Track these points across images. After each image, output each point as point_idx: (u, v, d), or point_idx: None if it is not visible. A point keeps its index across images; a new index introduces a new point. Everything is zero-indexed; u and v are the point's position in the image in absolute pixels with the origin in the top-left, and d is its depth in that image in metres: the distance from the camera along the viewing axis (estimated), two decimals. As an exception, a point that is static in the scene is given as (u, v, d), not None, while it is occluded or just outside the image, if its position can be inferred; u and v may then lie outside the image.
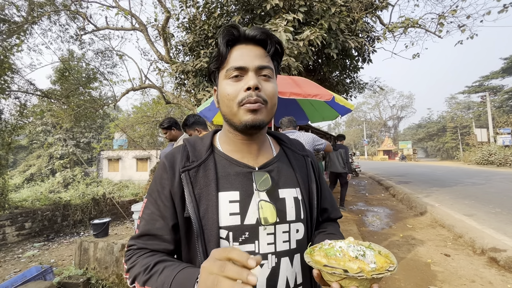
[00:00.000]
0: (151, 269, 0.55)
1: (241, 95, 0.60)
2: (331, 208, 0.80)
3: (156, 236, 0.62)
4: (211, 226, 0.59)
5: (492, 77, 32.13)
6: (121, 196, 8.54)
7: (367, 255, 0.50)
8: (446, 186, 8.94)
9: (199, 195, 0.61)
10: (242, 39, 0.64)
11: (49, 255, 4.64)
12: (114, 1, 6.65)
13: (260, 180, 0.64)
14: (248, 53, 0.63)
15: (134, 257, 0.61)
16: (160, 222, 0.62)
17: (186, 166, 0.64)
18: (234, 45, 0.64)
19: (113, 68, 9.45)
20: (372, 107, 56.40)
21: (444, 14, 5.84)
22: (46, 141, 17.52)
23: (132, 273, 0.58)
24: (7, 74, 6.62)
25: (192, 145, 0.69)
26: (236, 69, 0.61)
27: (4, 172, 6.35)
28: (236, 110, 0.61)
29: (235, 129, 0.65)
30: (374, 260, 0.49)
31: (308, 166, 0.76)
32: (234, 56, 0.62)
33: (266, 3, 4.15)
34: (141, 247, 0.62)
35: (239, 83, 0.61)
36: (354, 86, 7.87)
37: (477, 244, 3.56)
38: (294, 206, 0.67)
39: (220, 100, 0.66)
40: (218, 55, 0.64)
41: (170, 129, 3.06)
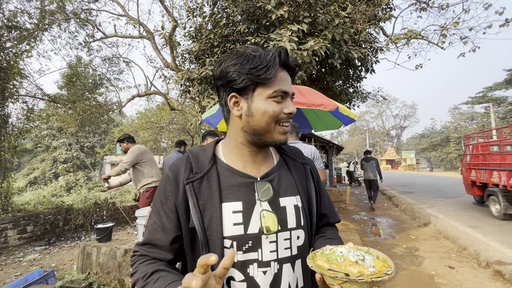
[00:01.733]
0: (148, 277, 0.59)
1: (281, 116, 0.66)
2: (329, 213, 0.82)
3: (156, 245, 0.66)
4: (215, 237, 0.61)
5: (496, 88, 32.09)
6: (123, 201, 8.54)
7: (367, 259, 0.53)
8: (450, 197, 8.84)
9: (203, 206, 0.63)
10: (284, 64, 0.67)
11: (50, 259, 4.62)
12: (124, 10, 6.83)
13: (262, 190, 0.66)
14: (287, 78, 0.68)
15: (136, 263, 0.65)
16: (160, 233, 0.66)
17: (190, 178, 0.66)
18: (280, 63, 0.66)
19: (120, 74, 9.61)
20: (375, 116, 56.37)
21: (446, 26, 5.92)
22: (51, 145, 17.68)
23: (134, 278, 0.62)
24: (16, 79, 6.78)
25: (195, 156, 0.71)
26: (283, 92, 0.65)
27: (9, 175, 6.41)
28: (273, 127, 0.66)
29: (254, 144, 0.69)
30: (373, 265, 0.52)
31: (307, 174, 0.78)
32: (279, 78, 0.65)
33: (271, 14, 4.24)
34: (143, 254, 0.66)
35: (280, 104, 0.66)
36: (357, 95, 7.91)
37: (482, 257, 3.51)
38: (295, 213, 0.69)
39: (256, 115, 0.65)
40: (270, 70, 0.63)
41: (123, 142, 3.59)
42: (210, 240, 0.61)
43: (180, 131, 13.69)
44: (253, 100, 0.65)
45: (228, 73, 0.65)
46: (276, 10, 4.20)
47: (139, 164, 3.47)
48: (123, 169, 3.36)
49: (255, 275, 0.62)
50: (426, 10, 6.56)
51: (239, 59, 0.64)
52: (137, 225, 2.68)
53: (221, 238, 0.61)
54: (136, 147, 3.50)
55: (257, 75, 0.63)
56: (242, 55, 0.65)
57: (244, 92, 0.65)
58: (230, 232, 0.62)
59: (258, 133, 0.66)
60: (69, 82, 8.53)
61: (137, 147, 3.51)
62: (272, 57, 0.64)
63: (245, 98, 0.66)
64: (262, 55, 0.64)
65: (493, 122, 23.52)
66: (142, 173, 3.49)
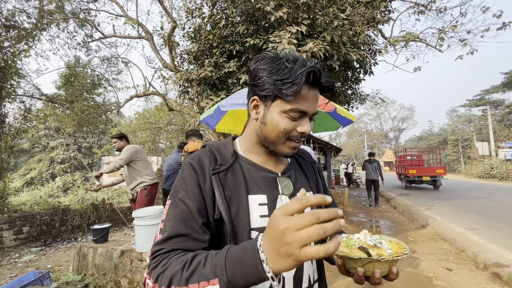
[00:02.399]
0: (190, 263, 0.49)
1: (294, 133, 0.66)
2: None
3: (189, 235, 0.58)
4: (242, 227, 0.62)
5: (493, 91, 32.31)
6: (120, 202, 8.49)
7: (383, 243, 0.57)
8: (448, 199, 8.87)
9: (230, 198, 0.64)
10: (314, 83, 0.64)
11: (46, 260, 4.58)
12: (122, 10, 6.83)
13: (283, 184, 0.70)
14: (313, 98, 0.64)
15: (163, 261, 0.53)
16: (192, 221, 0.60)
17: (216, 169, 0.66)
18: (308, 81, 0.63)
19: (118, 74, 9.60)
20: (373, 118, 56.58)
21: (444, 29, 5.96)
22: (48, 145, 17.58)
23: (166, 277, 0.50)
24: (14, 78, 6.74)
25: (217, 149, 0.72)
26: (300, 112, 0.63)
27: (5, 176, 6.36)
28: (282, 142, 0.67)
29: (266, 148, 0.70)
30: (389, 247, 0.56)
31: (316, 172, 0.84)
32: (302, 97, 0.62)
33: (270, 15, 4.25)
34: (172, 249, 0.56)
35: (295, 122, 0.65)
36: (356, 97, 7.93)
37: (479, 259, 3.52)
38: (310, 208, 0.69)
39: (269, 125, 0.66)
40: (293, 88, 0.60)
41: (121, 139, 3.64)
42: (237, 231, 0.62)
43: (178, 132, 13.66)
44: (270, 109, 0.66)
45: (256, 76, 0.66)
46: (275, 12, 4.21)
47: (134, 162, 3.45)
48: (118, 166, 3.32)
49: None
50: (424, 13, 6.61)
51: (271, 65, 0.64)
52: (135, 226, 2.66)
53: (248, 229, 0.62)
54: (131, 146, 3.51)
55: (279, 88, 0.62)
56: (275, 62, 0.63)
57: (265, 99, 0.66)
58: (257, 223, 0.63)
59: (267, 142, 0.68)
60: (67, 82, 8.51)
61: (132, 146, 3.51)
62: (300, 74, 0.60)
63: (264, 105, 0.67)
64: (292, 69, 0.61)
65: (490, 125, 23.65)
66: (138, 172, 3.47)
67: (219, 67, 4.95)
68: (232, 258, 0.45)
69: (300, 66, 0.61)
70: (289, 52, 0.66)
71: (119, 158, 3.36)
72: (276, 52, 0.66)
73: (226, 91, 4.91)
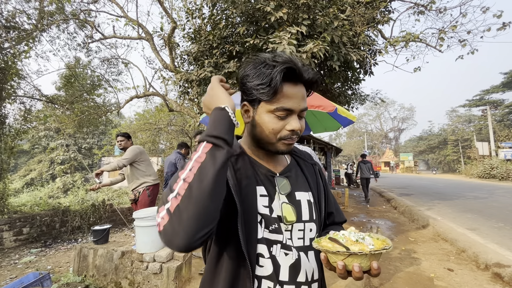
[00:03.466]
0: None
1: (283, 132, 0.67)
2: (336, 212, 0.88)
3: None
4: (251, 209, 0.65)
5: (493, 91, 32.34)
6: (120, 203, 8.48)
7: (366, 239, 0.58)
8: (448, 199, 8.86)
9: (240, 180, 0.67)
10: (295, 78, 0.65)
11: (46, 261, 4.57)
12: (123, 11, 6.83)
13: (281, 184, 0.72)
14: (296, 94, 0.65)
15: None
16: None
17: None
18: (285, 79, 0.64)
19: (118, 75, 9.59)
20: (373, 119, 56.59)
21: (444, 29, 5.96)
22: (48, 146, 17.59)
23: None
24: (14, 79, 6.74)
25: None
26: (285, 110, 0.65)
27: (5, 177, 6.35)
28: (274, 142, 0.68)
29: (263, 148, 0.72)
30: (372, 243, 0.57)
31: (316, 174, 0.85)
32: (284, 95, 0.64)
33: (270, 16, 4.25)
34: None
35: (283, 121, 0.66)
36: (356, 97, 7.94)
37: (480, 259, 3.51)
38: (308, 207, 0.74)
39: (258, 127, 0.69)
40: (269, 89, 0.63)
41: (129, 139, 3.66)
42: (246, 211, 0.64)
43: (178, 133, 13.66)
44: (257, 112, 0.68)
45: (241, 83, 0.69)
46: (275, 12, 4.21)
47: (137, 162, 3.46)
48: (121, 165, 3.33)
49: (277, 255, 0.66)
50: (424, 13, 6.61)
51: (253, 71, 0.66)
52: (135, 227, 2.65)
53: (256, 211, 0.65)
54: (136, 146, 3.53)
55: (260, 92, 0.64)
56: (256, 67, 0.66)
57: (252, 103, 0.69)
58: (261, 210, 0.66)
59: (261, 143, 0.71)
60: (68, 83, 8.50)
61: (136, 147, 3.53)
62: (274, 74, 0.62)
63: (253, 108, 0.70)
64: (268, 73, 0.63)
65: (490, 125, 23.64)
66: (141, 172, 3.48)
67: (219, 68, 4.95)
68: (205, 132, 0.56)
69: (277, 65, 0.63)
70: (274, 54, 0.67)
71: (123, 157, 3.37)
72: (261, 56, 0.67)
73: (226, 92, 4.90)
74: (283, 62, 0.63)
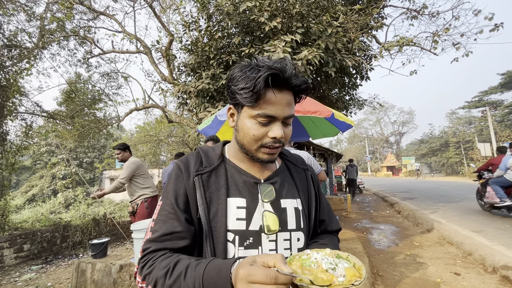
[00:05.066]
0: (172, 271, 0.54)
1: (265, 139, 0.64)
2: (328, 220, 0.83)
3: (173, 233, 0.61)
4: (219, 228, 0.63)
5: (491, 92, 32.40)
6: (122, 216, 8.43)
7: (338, 268, 0.53)
8: (453, 202, 8.74)
9: (210, 199, 0.65)
10: (280, 83, 0.61)
11: (46, 278, 4.51)
12: (121, 26, 6.98)
13: (265, 191, 0.69)
14: (281, 101, 0.62)
15: (150, 261, 0.59)
16: (177, 220, 0.63)
17: (199, 170, 0.68)
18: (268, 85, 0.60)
19: (118, 89, 9.71)
20: (373, 124, 56.63)
21: (438, 33, 6.04)
22: (49, 162, 17.63)
23: (151, 279, 0.56)
24: (16, 97, 6.83)
25: (205, 152, 0.74)
26: (267, 117, 0.62)
27: (6, 193, 6.35)
28: (256, 148, 0.66)
29: (248, 156, 0.69)
30: (344, 274, 0.51)
31: (308, 179, 0.80)
32: (267, 101, 0.61)
33: (265, 26, 4.33)
34: (158, 248, 0.61)
35: (265, 128, 0.63)
36: (354, 103, 7.97)
37: (487, 262, 3.43)
38: (295, 215, 0.71)
39: (240, 132, 0.67)
40: (251, 93, 0.60)
41: (125, 151, 3.63)
42: (214, 231, 0.63)
43: (179, 144, 13.69)
44: (240, 116, 0.67)
45: (227, 85, 0.68)
46: (270, 22, 4.29)
47: (134, 177, 3.49)
48: (120, 185, 3.41)
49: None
50: (417, 18, 6.72)
51: (239, 74, 0.63)
52: (134, 239, 2.62)
53: (224, 230, 0.63)
54: (131, 162, 3.52)
55: (244, 96, 0.62)
56: (242, 70, 0.63)
57: (236, 107, 0.68)
58: (233, 226, 0.64)
59: (244, 148, 0.69)
60: (68, 98, 8.61)
61: (131, 161, 3.52)
62: (258, 79, 0.59)
63: (237, 112, 0.68)
64: (252, 77, 0.60)
65: (491, 126, 23.59)
66: (139, 185, 3.51)
67: (216, 79, 5.01)
68: (209, 278, 0.50)
69: (262, 70, 0.60)
70: (254, 58, 0.65)
71: (120, 176, 3.42)
72: (249, 60, 0.65)
73: (223, 102, 4.95)
74: (268, 67, 0.60)
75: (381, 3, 5.82)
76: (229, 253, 0.63)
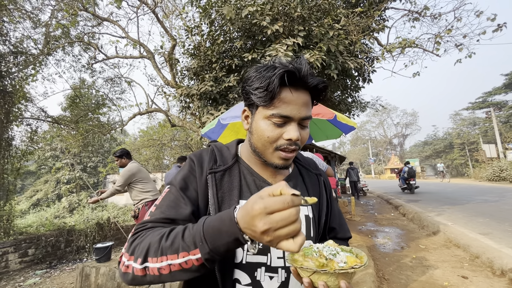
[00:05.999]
0: (168, 235, 0.49)
1: (280, 141, 0.61)
2: (339, 228, 0.80)
3: (175, 220, 0.57)
4: None
5: (495, 93, 32.15)
6: (125, 220, 8.44)
7: (339, 255, 0.54)
8: (458, 204, 8.64)
9: (222, 198, 0.63)
10: (296, 83, 0.60)
11: (50, 282, 4.52)
12: (124, 32, 7.07)
13: None
14: (296, 100, 0.60)
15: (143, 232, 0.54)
16: (182, 209, 0.59)
17: (213, 168, 0.66)
18: (284, 84, 0.59)
19: (122, 94, 9.81)
20: (376, 126, 56.37)
21: (440, 34, 6.03)
22: (54, 166, 17.77)
23: (141, 248, 0.50)
24: (21, 102, 6.92)
25: (219, 150, 0.72)
26: (282, 117, 0.59)
27: (11, 198, 6.40)
28: (271, 151, 0.63)
29: (260, 158, 0.67)
30: (344, 260, 0.53)
31: (320, 185, 0.78)
32: (282, 101, 0.59)
33: (266, 29, 4.36)
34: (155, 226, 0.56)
35: (280, 129, 0.61)
36: (356, 105, 7.96)
37: (495, 265, 3.37)
38: (305, 224, 0.68)
39: (255, 134, 0.65)
40: (265, 92, 0.59)
41: (121, 157, 3.65)
42: None
43: (182, 147, 13.74)
44: (255, 118, 0.64)
45: (242, 86, 0.66)
46: (271, 26, 4.32)
47: (133, 183, 3.54)
48: (116, 192, 3.48)
49: (261, 279, 0.61)
50: (419, 20, 6.72)
51: (254, 74, 0.62)
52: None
53: None
54: (127, 169, 3.52)
55: (258, 96, 0.60)
56: (258, 70, 0.62)
57: (251, 108, 0.66)
58: None
59: (257, 152, 0.66)
60: (73, 103, 8.71)
61: (127, 169, 3.52)
62: (272, 77, 0.57)
63: (252, 114, 0.66)
64: (267, 76, 0.58)
65: (495, 127, 23.36)
66: (137, 190, 3.57)
67: (219, 82, 5.04)
68: (211, 229, 0.46)
69: (277, 69, 0.58)
70: (275, 59, 0.64)
71: (117, 184, 3.47)
72: (266, 61, 0.65)
73: (226, 105, 4.96)
74: (284, 65, 0.58)
75: (382, 6, 5.84)
76: (237, 257, 0.61)
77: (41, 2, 6.98)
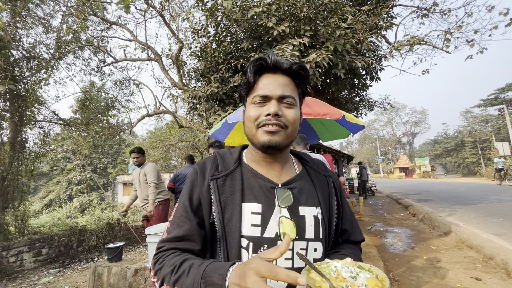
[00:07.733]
0: (178, 269, 0.57)
1: (261, 118, 0.66)
2: (351, 230, 0.79)
3: (184, 237, 0.64)
4: (233, 234, 0.62)
5: (508, 89, 31.24)
6: (135, 221, 8.57)
7: (360, 277, 0.50)
8: (470, 204, 8.44)
9: (225, 203, 0.65)
10: (270, 69, 0.69)
11: (63, 281, 4.63)
12: (132, 35, 7.18)
13: (282, 196, 0.66)
14: (273, 82, 0.68)
15: (161, 258, 0.63)
16: (187, 224, 0.65)
17: (215, 174, 0.68)
18: (262, 73, 0.69)
19: (130, 96, 9.96)
20: (384, 124, 55.60)
21: (450, 31, 5.90)
22: (65, 168, 18.20)
23: (160, 275, 0.59)
24: (34, 106, 7.12)
25: (222, 156, 0.74)
26: (261, 97, 0.67)
27: (25, 199, 6.59)
28: (255, 131, 0.68)
29: (256, 148, 0.71)
30: (365, 283, 0.48)
31: (330, 187, 0.76)
32: (261, 85, 0.68)
33: (273, 30, 4.36)
34: (170, 248, 0.64)
35: (262, 108, 0.67)
36: (364, 104, 7.87)
37: (510, 266, 3.28)
38: (314, 224, 0.68)
39: (245, 122, 0.72)
40: (247, 83, 0.71)
41: (143, 154, 3.74)
42: (228, 237, 0.62)
43: (189, 148, 13.86)
44: (245, 109, 0.72)
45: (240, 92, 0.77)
46: (277, 27, 4.32)
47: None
48: (155, 190, 3.54)
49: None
50: (428, 16, 6.59)
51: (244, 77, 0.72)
52: (148, 243, 2.67)
53: (238, 236, 0.62)
54: (153, 166, 3.67)
55: (243, 89, 0.72)
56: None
57: (244, 103, 0.75)
58: (248, 232, 0.63)
59: (249, 139, 0.71)
60: (83, 106, 8.90)
61: (153, 166, 3.68)
62: (248, 70, 0.69)
63: (244, 107, 0.74)
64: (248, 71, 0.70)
65: (509, 124, 22.68)
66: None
67: (225, 82, 5.07)
68: (207, 277, 0.52)
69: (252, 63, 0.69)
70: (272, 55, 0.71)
71: (150, 181, 3.52)
72: None
73: (233, 106, 4.99)
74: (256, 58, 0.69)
75: (390, 3, 5.76)
76: (243, 259, 0.62)
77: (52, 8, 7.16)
